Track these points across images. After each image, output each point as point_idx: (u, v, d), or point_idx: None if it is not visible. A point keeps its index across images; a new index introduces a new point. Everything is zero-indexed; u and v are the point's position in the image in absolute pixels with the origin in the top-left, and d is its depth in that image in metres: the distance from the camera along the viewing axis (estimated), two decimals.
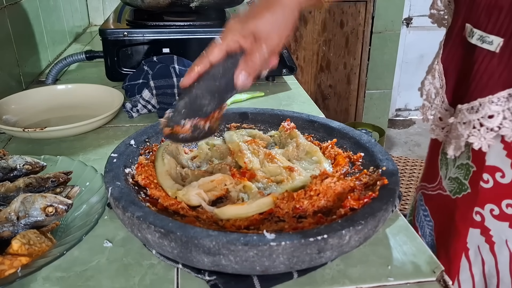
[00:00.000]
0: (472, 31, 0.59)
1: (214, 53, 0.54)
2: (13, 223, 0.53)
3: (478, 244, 0.66)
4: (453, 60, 0.65)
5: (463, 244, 0.68)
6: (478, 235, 0.66)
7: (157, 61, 0.96)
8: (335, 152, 0.66)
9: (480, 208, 0.64)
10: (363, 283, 0.49)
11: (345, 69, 2.52)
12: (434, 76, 0.67)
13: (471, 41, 0.59)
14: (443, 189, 0.71)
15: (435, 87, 0.67)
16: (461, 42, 0.62)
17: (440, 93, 0.66)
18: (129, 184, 0.56)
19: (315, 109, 0.97)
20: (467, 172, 0.65)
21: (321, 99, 2.58)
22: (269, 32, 0.53)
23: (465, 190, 0.66)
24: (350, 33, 2.43)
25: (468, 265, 0.68)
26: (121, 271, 0.51)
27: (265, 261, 0.44)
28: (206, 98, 0.55)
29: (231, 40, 0.53)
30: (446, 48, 0.66)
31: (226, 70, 0.54)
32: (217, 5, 1.09)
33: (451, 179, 0.69)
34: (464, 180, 0.66)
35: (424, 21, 2.98)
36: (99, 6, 1.80)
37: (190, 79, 0.55)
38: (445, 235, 0.71)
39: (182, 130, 0.56)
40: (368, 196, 0.51)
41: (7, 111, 0.90)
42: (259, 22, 0.53)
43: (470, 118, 0.60)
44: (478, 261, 0.67)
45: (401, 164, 1.90)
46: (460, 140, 0.61)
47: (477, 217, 0.65)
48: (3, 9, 1.02)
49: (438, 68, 0.66)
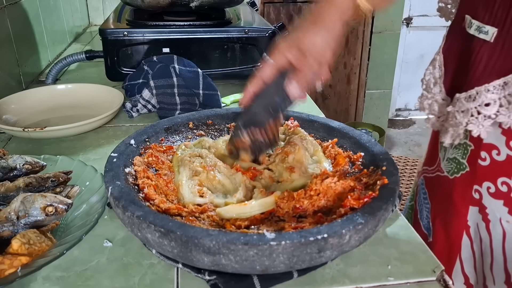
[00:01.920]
0: (470, 22, 0.61)
1: (266, 72, 0.58)
2: (13, 222, 0.53)
3: (477, 222, 0.67)
4: (453, 51, 0.67)
5: (463, 222, 0.69)
6: (476, 213, 0.67)
7: (157, 61, 0.96)
8: (335, 151, 0.66)
9: (478, 186, 0.66)
10: (363, 283, 0.49)
11: (345, 69, 2.52)
12: (435, 66, 0.69)
13: (469, 32, 0.62)
14: (441, 170, 0.73)
15: (434, 77, 0.69)
16: (461, 33, 0.64)
17: (438, 83, 0.68)
18: (129, 183, 0.56)
19: (315, 109, 0.97)
20: (464, 151, 0.67)
21: (321, 99, 2.58)
22: (314, 46, 0.56)
23: (464, 169, 0.67)
24: (350, 33, 2.44)
25: (469, 243, 0.69)
26: (121, 271, 0.51)
27: (265, 261, 0.44)
28: (262, 114, 0.60)
29: (279, 57, 0.57)
30: (448, 39, 0.68)
31: (278, 86, 0.58)
32: (217, 5, 1.09)
33: (449, 160, 0.70)
34: (462, 159, 0.67)
35: (424, 21, 2.98)
36: (99, 6, 1.80)
37: (247, 99, 0.60)
38: (444, 216, 0.72)
39: (242, 142, 0.61)
40: (368, 196, 0.51)
41: (7, 110, 0.90)
42: (304, 38, 0.56)
43: (468, 107, 0.61)
44: (477, 239, 0.68)
45: (401, 164, 1.90)
46: (458, 128, 0.63)
47: (476, 195, 0.66)
48: (3, 9, 1.02)
49: (438, 59, 0.68)
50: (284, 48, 0.58)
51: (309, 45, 0.56)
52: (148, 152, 0.64)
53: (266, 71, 0.58)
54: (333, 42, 0.57)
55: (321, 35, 0.56)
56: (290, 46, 0.57)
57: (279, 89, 0.58)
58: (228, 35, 1.05)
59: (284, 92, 0.58)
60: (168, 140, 0.70)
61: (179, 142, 0.71)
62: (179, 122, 0.72)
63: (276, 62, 0.58)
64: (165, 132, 0.70)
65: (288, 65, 0.57)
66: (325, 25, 0.56)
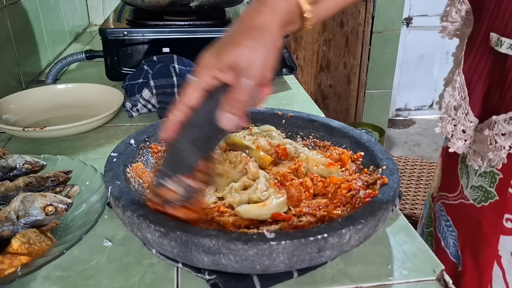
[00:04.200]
0: (499, 40, 0.58)
1: (191, 96, 0.47)
2: (13, 222, 0.53)
3: (511, 251, 0.65)
4: (477, 71, 0.63)
5: (494, 252, 0.66)
6: (510, 241, 0.65)
7: (157, 61, 0.96)
8: (339, 152, 0.66)
9: (511, 214, 0.63)
10: (363, 282, 0.49)
11: (345, 69, 2.52)
12: (455, 88, 0.65)
13: (500, 50, 0.58)
14: (465, 198, 0.69)
15: (455, 99, 0.65)
16: (486, 52, 0.61)
17: (462, 105, 0.64)
18: (129, 183, 0.56)
19: (315, 109, 0.97)
20: (492, 179, 0.64)
21: (321, 99, 2.58)
22: (250, 63, 0.45)
23: (492, 198, 0.65)
24: (350, 32, 2.44)
25: (501, 273, 0.67)
26: (121, 270, 0.51)
27: (265, 260, 0.44)
28: (190, 152, 0.48)
29: (207, 76, 0.46)
30: (469, 59, 0.63)
31: (207, 113, 0.47)
32: (217, 4, 1.09)
33: (474, 188, 0.67)
34: (490, 187, 0.64)
35: (424, 21, 2.98)
36: (99, 6, 1.80)
37: (170, 131, 0.48)
38: (473, 244, 0.70)
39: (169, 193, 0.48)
40: (368, 195, 0.51)
41: (7, 110, 0.90)
42: (236, 52, 0.45)
43: (510, 129, 0.58)
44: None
45: (401, 164, 1.90)
46: (501, 152, 0.59)
47: (508, 224, 0.64)
48: (3, 9, 1.02)
49: (459, 80, 0.64)
50: (211, 64, 0.46)
51: (243, 61, 0.45)
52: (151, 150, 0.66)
53: (192, 94, 0.47)
54: (273, 55, 0.46)
55: (257, 47, 0.45)
56: (218, 62, 0.46)
57: (207, 117, 0.47)
58: None
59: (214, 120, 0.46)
60: None
61: None
62: None
63: (204, 82, 0.46)
64: None
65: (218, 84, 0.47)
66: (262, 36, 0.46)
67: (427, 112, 3.29)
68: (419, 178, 1.80)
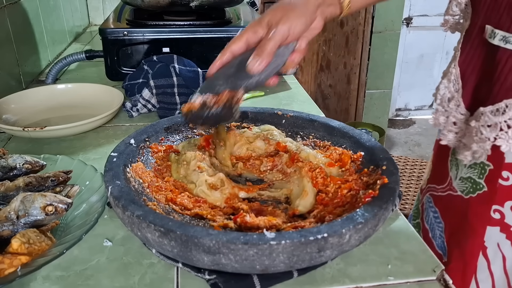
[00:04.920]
0: (493, 32, 0.58)
1: (235, 44, 0.59)
2: (12, 222, 0.53)
3: (497, 242, 0.66)
4: (471, 63, 0.63)
5: (479, 242, 0.67)
6: (497, 232, 0.65)
7: (157, 61, 0.96)
8: (339, 152, 0.66)
9: (499, 205, 0.64)
10: (363, 282, 0.49)
11: (345, 68, 2.52)
12: (450, 80, 0.66)
13: (493, 42, 0.58)
14: (453, 189, 0.70)
15: (450, 91, 0.65)
16: (481, 44, 0.61)
17: (455, 97, 0.65)
18: (129, 183, 0.56)
19: (315, 109, 0.97)
20: (482, 171, 0.65)
21: (321, 98, 2.58)
22: (279, 22, 0.57)
23: (480, 189, 0.65)
24: (350, 32, 2.43)
25: (486, 264, 0.68)
26: (121, 270, 0.51)
27: (265, 260, 0.44)
28: (219, 80, 0.60)
29: (250, 30, 0.59)
30: (464, 51, 0.64)
31: (243, 58, 0.59)
32: (217, 4, 1.09)
33: (463, 179, 0.68)
34: (479, 179, 0.65)
35: (424, 21, 2.98)
36: (99, 6, 1.80)
37: (214, 69, 0.60)
38: (458, 236, 0.70)
39: (193, 105, 0.60)
40: (368, 195, 0.51)
41: (7, 110, 0.90)
42: (272, 14, 0.58)
43: (496, 121, 0.58)
44: (498, 258, 0.67)
45: (401, 164, 1.90)
46: (485, 144, 0.60)
47: (496, 214, 0.64)
48: (3, 9, 1.02)
49: (454, 72, 0.65)
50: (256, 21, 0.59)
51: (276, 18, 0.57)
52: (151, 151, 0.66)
53: (237, 44, 0.59)
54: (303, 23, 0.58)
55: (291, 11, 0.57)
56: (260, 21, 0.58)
57: (242, 61, 0.59)
58: (228, 34, 1.05)
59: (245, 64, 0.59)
60: (168, 140, 0.70)
61: (179, 141, 0.71)
62: (179, 122, 0.72)
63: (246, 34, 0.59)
64: (165, 132, 0.70)
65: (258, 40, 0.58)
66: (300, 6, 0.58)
67: (427, 112, 3.29)
68: (419, 178, 1.81)
